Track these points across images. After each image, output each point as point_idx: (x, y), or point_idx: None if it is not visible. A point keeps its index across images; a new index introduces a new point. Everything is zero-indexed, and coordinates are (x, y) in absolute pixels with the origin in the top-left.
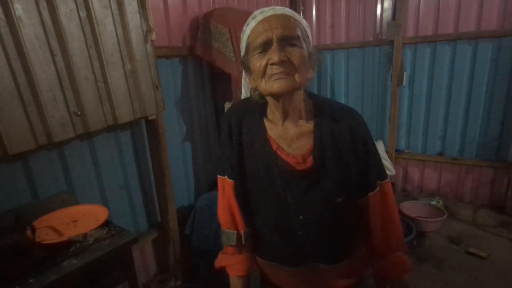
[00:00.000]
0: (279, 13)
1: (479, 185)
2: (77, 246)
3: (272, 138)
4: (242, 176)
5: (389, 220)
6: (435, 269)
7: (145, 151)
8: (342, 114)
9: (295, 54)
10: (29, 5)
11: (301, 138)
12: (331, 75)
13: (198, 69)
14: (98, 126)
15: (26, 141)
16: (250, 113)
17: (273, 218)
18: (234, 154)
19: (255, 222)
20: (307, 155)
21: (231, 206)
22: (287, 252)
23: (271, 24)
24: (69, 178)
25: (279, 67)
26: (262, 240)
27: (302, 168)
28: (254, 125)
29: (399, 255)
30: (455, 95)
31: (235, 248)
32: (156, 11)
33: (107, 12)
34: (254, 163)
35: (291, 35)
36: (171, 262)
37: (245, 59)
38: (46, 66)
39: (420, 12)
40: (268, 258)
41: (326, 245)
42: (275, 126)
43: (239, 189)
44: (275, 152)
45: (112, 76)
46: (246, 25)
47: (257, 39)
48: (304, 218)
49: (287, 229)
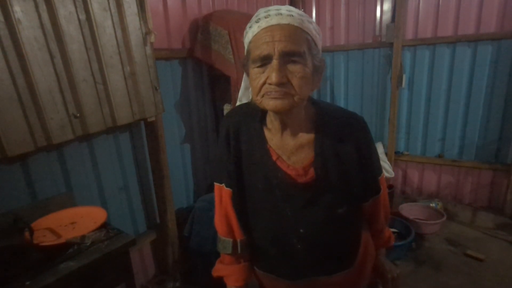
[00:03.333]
0: (284, 22)
1: (478, 187)
2: (75, 248)
3: (272, 148)
4: (240, 185)
5: (385, 205)
6: (433, 271)
7: (144, 153)
8: (346, 123)
9: (296, 75)
10: (28, 7)
11: (302, 150)
12: (330, 77)
13: (198, 71)
14: (97, 128)
15: (25, 143)
16: (250, 121)
17: (271, 231)
18: (233, 163)
19: (252, 233)
20: (308, 167)
21: (228, 214)
22: (285, 265)
23: (273, 36)
24: (68, 179)
25: (276, 88)
26: (259, 251)
27: (303, 181)
28: (254, 134)
29: (387, 229)
30: (454, 97)
31: (232, 257)
32: (156, 13)
33: (106, 14)
34: (253, 173)
35: (295, 51)
36: (169, 263)
37: (245, 62)
38: (45, 68)
39: (420, 14)
40: (266, 270)
41: (327, 258)
42: (274, 136)
43: (237, 198)
44: (274, 163)
45: (111, 78)
46: (249, 27)
47: (257, 51)
48: (304, 232)
49: (286, 243)
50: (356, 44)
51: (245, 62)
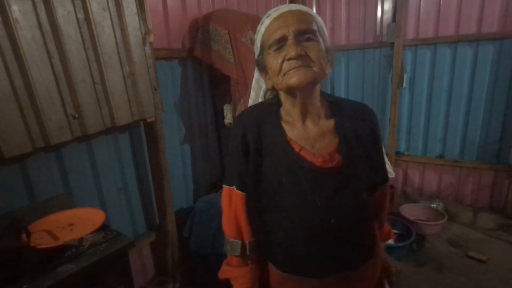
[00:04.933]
0: (294, 9)
1: (480, 188)
2: (73, 251)
3: (293, 140)
4: (257, 186)
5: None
6: (435, 272)
7: (143, 153)
8: (360, 110)
9: (313, 48)
10: (26, 7)
11: (324, 137)
12: (331, 76)
13: (197, 71)
14: (96, 129)
15: (23, 144)
16: (266, 117)
17: (299, 226)
18: (252, 162)
19: (275, 233)
20: (334, 152)
21: (237, 217)
22: (313, 263)
23: (286, 20)
24: (67, 180)
25: (296, 61)
26: (284, 252)
27: (330, 166)
28: (272, 129)
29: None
30: (455, 97)
31: (240, 259)
32: (155, 13)
33: (105, 14)
34: (275, 168)
35: (308, 29)
36: (169, 264)
37: (260, 58)
38: (43, 68)
39: (421, 14)
40: (291, 271)
41: (355, 248)
42: (294, 128)
43: (253, 201)
44: (298, 154)
45: (110, 78)
46: (260, 25)
47: (272, 36)
48: (335, 222)
49: (316, 236)
50: (357, 44)
51: (259, 58)
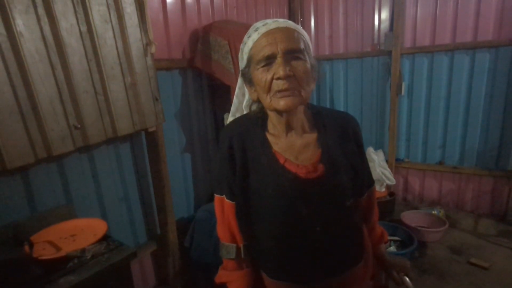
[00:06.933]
0: (282, 26)
1: (480, 194)
2: (75, 262)
3: (278, 152)
4: (245, 197)
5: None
6: (437, 280)
7: (144, 163)
8: (342, 119)
9: (300, 69)
10: (30, 20)
11: (308, 148)
12: (330, 85)
13: (198, 81)
14: (98, 139)
15: (25, 154)
16: (252, 129)
17: (286, 236)
18: (238, 174)
19: (263, 242)
20: (316, 163)
21: (230, 224)
22: (302, 270)
23: (275, 38)
24: (68, 191)
25: (285, 83)
26: (273, 259)
27: (314, 176)
28: (258, 141)
29: (379, 226)
30: (453, 104)
31: (236, 263)
32: (156, 23)
33: (107, 26)
34: (261, 180)
35: (296, 48)
36: (170, 274)
37: (246, 71)
38: (46, 79)
39: (418, 22)
40: (280, 278)
41: (342, 253)
42: (279, 140)
43: (242, 210)
44: (283, 166)
45: (112, 89)
46: (247, 36)
47: (260, 52)
48: (320, 230)
49: (303, 244)
50: (355, 53)
51: (246, 70)
